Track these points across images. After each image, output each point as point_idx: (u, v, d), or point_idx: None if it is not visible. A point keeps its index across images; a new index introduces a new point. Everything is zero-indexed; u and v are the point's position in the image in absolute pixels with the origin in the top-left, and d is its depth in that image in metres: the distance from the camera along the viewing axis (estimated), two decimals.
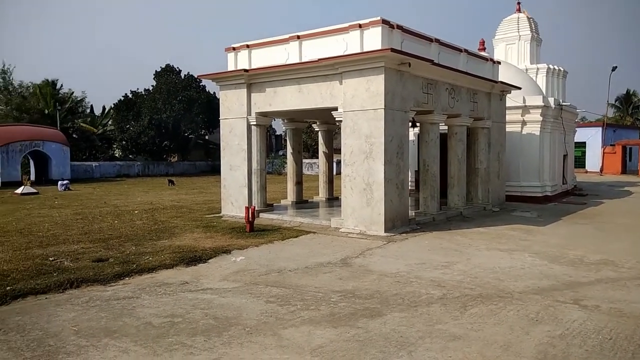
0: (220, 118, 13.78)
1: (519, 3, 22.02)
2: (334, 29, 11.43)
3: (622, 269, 7.66)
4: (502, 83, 15.21)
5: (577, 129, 24.30)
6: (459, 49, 13.41)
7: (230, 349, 4.65)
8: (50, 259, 8.20)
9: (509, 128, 16.79)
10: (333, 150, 17.60)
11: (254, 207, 12.06)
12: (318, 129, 17.00)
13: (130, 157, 40.40)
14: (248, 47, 13.13)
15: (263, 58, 12.80)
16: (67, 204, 17.12)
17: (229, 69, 13.41)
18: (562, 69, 21.67)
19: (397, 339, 4.85)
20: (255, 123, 13.05)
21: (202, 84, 41.02)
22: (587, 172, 36.50)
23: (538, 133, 17.15)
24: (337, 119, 11.40)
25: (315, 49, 11.66)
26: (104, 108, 44.66)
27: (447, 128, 13.92)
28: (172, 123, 38.10)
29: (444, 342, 4.78)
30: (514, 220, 12.83)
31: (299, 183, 16.06)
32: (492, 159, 15.21)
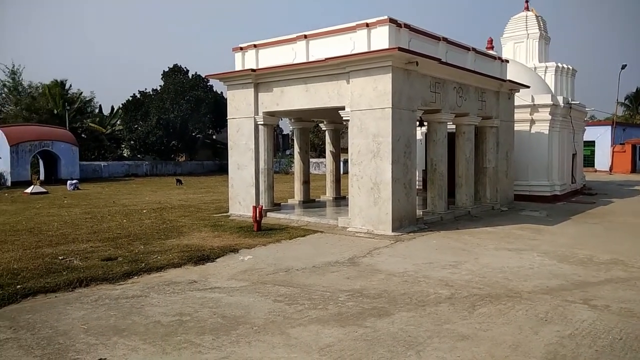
0: (228, 118, 13.83)
1: (527, 1, 21.86)
2: (341, 28, 11.41)
3: (632, 269, 7.60)
4: (510, 82, 15.12)
5: (586, 128, 24.10)
6: (467, 48, 13.34)
7: (239, 348, 4.67)
8: (60, 258, 8.27)
9: (518, 127, 16.69)
10: (340, 150, 17.58)
11: (262, 206, 12.10)
12: (325, 129, 17.01)
13: (139, 156, 40.60)
14: (255, 46, 13.16)
15: (270, 58, 12.83)
16: (76, 204, 17.25)
17: (237, 69, 13.46)
18: (571, 67, 21.50)
19: (405, 339, 4.84)
20: (263, 122, 13.08)
21: (209, 84, 41.12)
22: (596, 171, 36.22)
23: (547, 132, 17.04)
24: (344, 119, 11.39)
25: (323, 49, 11.66)
26: (113, 108, 44.97)
27: (455, 127, 13.87)
28: (179, 123, 38.24)
29: (453, 341, 4.76)
30: (523, 220, 12.75)
31: (306, 182, 16.08)
32: (500, 158, 15.12)
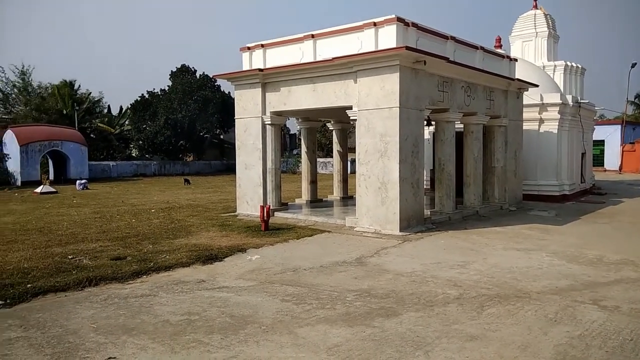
0: (235, 117, 13.87)
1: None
2: (348, 28, 11.39)
3: None
4: (519, 80, 15.02)
5: (595, 127, 23.91)
6: (475, 47, 13.27)
7: (247, 347, 4.68)
8: (69, 257, 8.33)
9: (526, 126, 16.57)
10: (347, 149, 17.57)
11: (269, 206, 12.12)
12: (332, 128, 17.00)
13: (147, 156, 40.81)
14: (262, 46, 13.18)
15: (277, 57, 12.84)
16: (85, 203, 17.37)
17: (244, 69, 13.48)
18: (579, 66, 21.31)
19: (413, 339, 4.82)
20: (270, 122, 13.10)
21: (217, 84, 41.22)
22: (605, 170, 35.89)
23: (556, 131, 16.91)
24: (351, 118, 11.37)
25: (330, 48, 11.66)
26: (121, 108, 45.25)
27: (463, 126, 13.80)
28: (187, 123, 38.38)
29: (461, 342, 4.74)
30: (531, 220, 12.67)
31: (314, 182, 16.08)
32: (508, 158, 15.03)
